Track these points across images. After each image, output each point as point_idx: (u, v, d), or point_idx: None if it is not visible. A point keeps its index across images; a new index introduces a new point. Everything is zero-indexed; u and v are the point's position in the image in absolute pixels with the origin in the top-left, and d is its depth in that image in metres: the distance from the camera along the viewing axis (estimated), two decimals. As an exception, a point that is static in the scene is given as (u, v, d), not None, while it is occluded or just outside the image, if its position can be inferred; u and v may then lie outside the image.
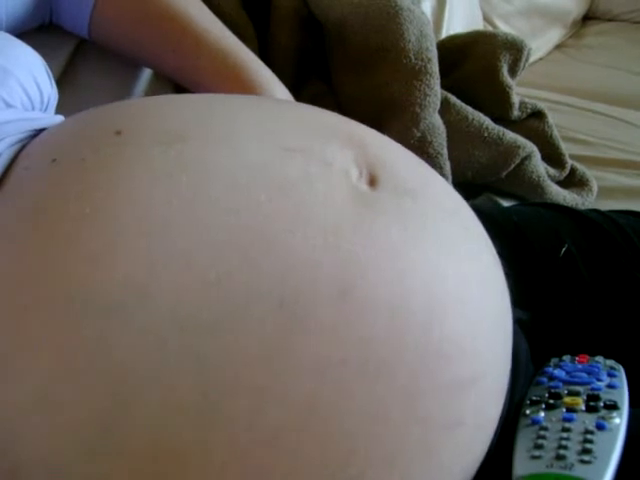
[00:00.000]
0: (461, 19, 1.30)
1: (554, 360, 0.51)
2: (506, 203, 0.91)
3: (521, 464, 0.41)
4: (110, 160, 0.39)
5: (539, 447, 0.41)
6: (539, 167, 0.92)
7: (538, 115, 0.99)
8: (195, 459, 0.34)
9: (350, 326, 0.36)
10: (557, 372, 0.48)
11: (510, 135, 0.90)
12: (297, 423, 0.35)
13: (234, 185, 0.38)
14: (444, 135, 0.84)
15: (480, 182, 0.93)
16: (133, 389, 0.34)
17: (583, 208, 0.90)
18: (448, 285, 0.40)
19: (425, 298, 0.39)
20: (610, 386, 0.46)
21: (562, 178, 0.97)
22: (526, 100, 0.98)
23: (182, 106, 0.45)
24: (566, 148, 0.99)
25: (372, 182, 0.41)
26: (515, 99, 0.95)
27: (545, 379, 0.48)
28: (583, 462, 0.39)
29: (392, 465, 0.37)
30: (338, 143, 0.42)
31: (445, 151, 0.84)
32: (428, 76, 0.81)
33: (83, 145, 0.41)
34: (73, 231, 0.36)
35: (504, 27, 1.55)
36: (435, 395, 0.38)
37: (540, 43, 1.61)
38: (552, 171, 0.95)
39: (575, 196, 0.95)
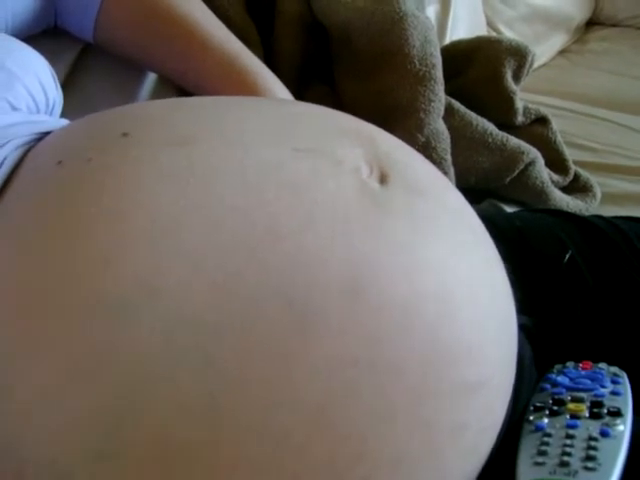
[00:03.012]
0: (465, 25, 1.30)
1: (558, 366, 0.51)
2: (509, 209, 0.91)
3: (524, 470, 0.41)
4: (116, 161, 0.39)
5: (543, 453, 0.41)
6: (543, 173, 0.92)
7: (542, 121, 0.99)
8: (203, 460, 0.34)
9: (360, 326, 0.36)
10: (561, 378, 0.48)
11: (514, 141, 0.90)
12: (306, 423, 0.35)
13: (243, 185, 0.38)
14: (448, 141, 0.84)
15: (483, 188, 0.93)
16: (140, 389, 0.34)
17: (587, 214, 0.90)
18: (458, 287, 0.40)
19: (435, 300, 0.38)
20: (614, 393, 0.46)
21: (566, 184, 0.97)
22: (530, 106, 0.98)
23: (190, 108, 0.45)
24: (570, 154, 0.99)
25: (382, 179, 0.41)
26: (519, 105, 0.95)
27: (549, 385, 0.48)
28: (587, 469, 0.39)
29: (398, 466, 0.37)
30: (348, 141, 0.42)
31: (449, 157, 0.84)
32: (432, 82, 0.82)
33: (89, 147, 0.41)
34: (79, 231, 0.36)
35: (508, 33, 1.55)
36: (442, 397, 0.38)
37: (544, 49, 1.60)
38: (556, 177, 0.95)
39: (579, 202, 0.95)
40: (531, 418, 0.45)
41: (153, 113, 0.44)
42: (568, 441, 0.41)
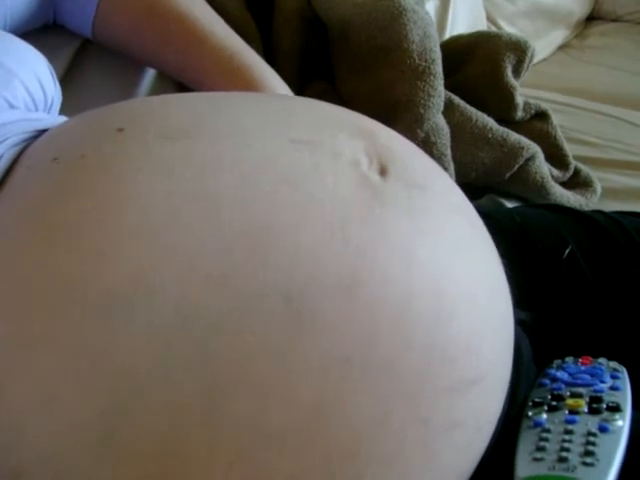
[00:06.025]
0: (465, 20, 1.30)
1: (557, 362, 0.51)
2: (510, 204, 0.91)
3: (523, 466, 0.41)
4: (111, 156, 0.39)
5: (541, 449, 0.41)
6: (543, 168, 0.92)
7: (542, 116, 0.98)
8: (200, 459, 0.34)
9: (356, 324, 0.36)
10: (560, 374, 0.48)
11: (514, 136, 0.90)
12: (301, 422, 0.35)
13: (240, 179, 0.38)
14: (448, 136, 0.83)
15: (484, 183, 0.93)
16: (137, 389, 0.34)
17: (587, 209, 0.90)
18: (456, 285, 0.40)
19: (433, 297, 0.38)
20: (613, 388, 0.46)
21: (566, 179, 0.97)
22: (530, 101, 0.98)
23: (186, 103, 0.45)
24: (570, 149, 0.99)
25: (382, 172, 0.40)
26: (519, 100, 0.95)
27: (548, 381, 0.48)
28: (585, 464, 0.39)
29: (391, 464, 0.37)
30: (347, 134, 0.42)
31: (449, 152, 0.83)
32: (432, 77, 0.81)
33: (84, 143, 0.41)
34: (75, 229, 0.36)
35: (508, 28, 1.55)
36: (438, 396, 0.38)
37: (544, 44, 1.60)
38: (556, 172, 0.95)
39: (579, 197, 0.95)
40: (530, 414, 0.45)
41: (148, 108, 0.44)
42: (567, 437, 0.41)
